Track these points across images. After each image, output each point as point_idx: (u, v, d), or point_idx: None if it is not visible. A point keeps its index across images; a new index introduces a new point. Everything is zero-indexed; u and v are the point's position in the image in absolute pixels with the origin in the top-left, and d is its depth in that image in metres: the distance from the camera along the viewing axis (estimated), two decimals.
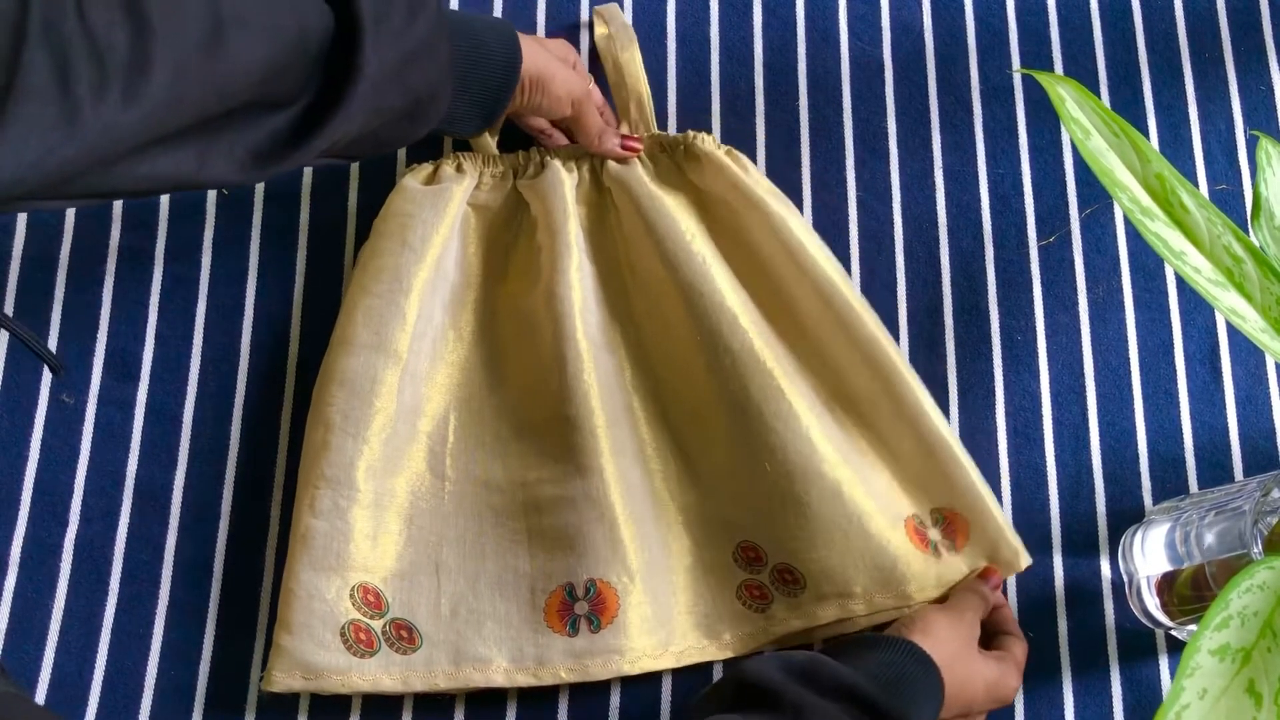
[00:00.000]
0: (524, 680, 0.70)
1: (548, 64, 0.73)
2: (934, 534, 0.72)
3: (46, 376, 0.78)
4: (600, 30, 0.84)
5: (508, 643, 0.70)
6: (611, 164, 0.78)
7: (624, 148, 0.78)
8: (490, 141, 0.80)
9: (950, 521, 0.72)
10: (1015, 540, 0.72)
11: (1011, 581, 0.74)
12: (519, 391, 0.76)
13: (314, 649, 0.69)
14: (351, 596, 0.70)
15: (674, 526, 0.74)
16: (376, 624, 0.70)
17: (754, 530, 0.73)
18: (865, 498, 0.71)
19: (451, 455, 0.75)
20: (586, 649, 0.69)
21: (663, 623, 0.71)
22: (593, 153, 0.78)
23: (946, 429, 0.73)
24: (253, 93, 0.59)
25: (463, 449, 0.75)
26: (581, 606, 0.70)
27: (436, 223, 0.75)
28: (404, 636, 0.70)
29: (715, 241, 0.77)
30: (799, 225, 0.76)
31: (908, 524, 0.72)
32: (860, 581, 0.70)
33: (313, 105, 0.61)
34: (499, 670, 0.70)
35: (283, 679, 0.69)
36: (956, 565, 0.72)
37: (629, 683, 0.72)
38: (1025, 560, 0.72)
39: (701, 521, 0.74)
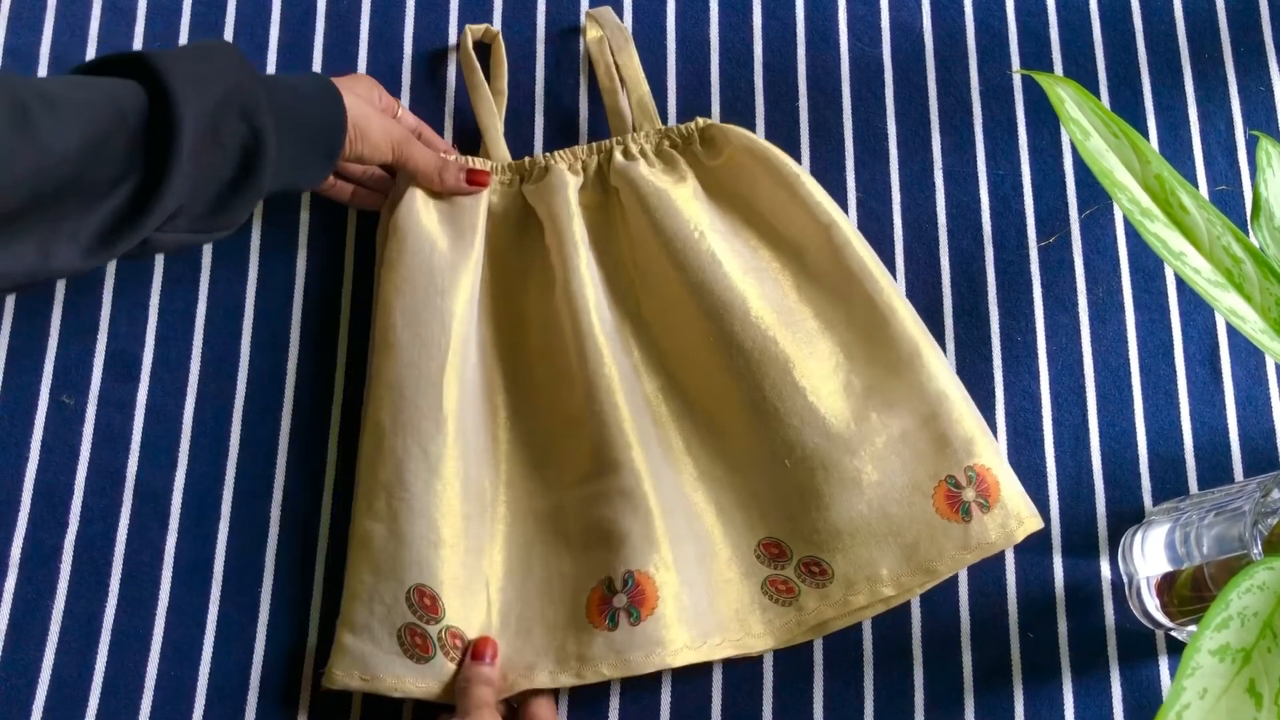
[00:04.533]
0: (567, 680, 0.69)
1: (361, 108, 0.72)
2: (969, 493, 0.71)
3: (47, 377, 0.78)
4: (592, 34, 0.85)
5: (553, 645, 0.70)
6: (618, 161, 0.78)
7: (470, 182, 0.77)
8: (503, 148, 0.80)
9: (982, 478, 0.71)
10: (1030, 503, 0.72)
11: (1012, 581, 0.74)
12: (548, 396, 0.76)
13: (372, 650, 0.68)
14: (409, 600, 0.69)
15: (695, 524, 0.73)
16: (433, 630, 0.69)
17: (776, 526, 0.72)
18: (885, 480, 0.71)
19: (493, 463, 0.75)
20: (627, 642, 0.68)
21: (698, 615, 0.70)
22: (439, 191, 0.77)
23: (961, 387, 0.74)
24: (78, 170, 0.59)
25: (502, 457, 0.75)
26: (620, 599, 0.69)
27: (468, 223, 0.76)
28: (458, 645, 0.70)
29: (726, 212, 0.78)
30: (811, 182, 0.77)
31: (939, 487, 0.71)
32: (886, 564, 0.70)
33: (145, 177, 0.61)
34: (544, 672, 0.69)
35: (341, 677, 0.68)
36: (988, 525, 0.70)
37: (629, 686, 0.72)
38: (1039, 521, 0.71)
39: (722, 519, 0.74)
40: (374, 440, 0.72)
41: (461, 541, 0.71)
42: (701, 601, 0.71)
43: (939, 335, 0.79)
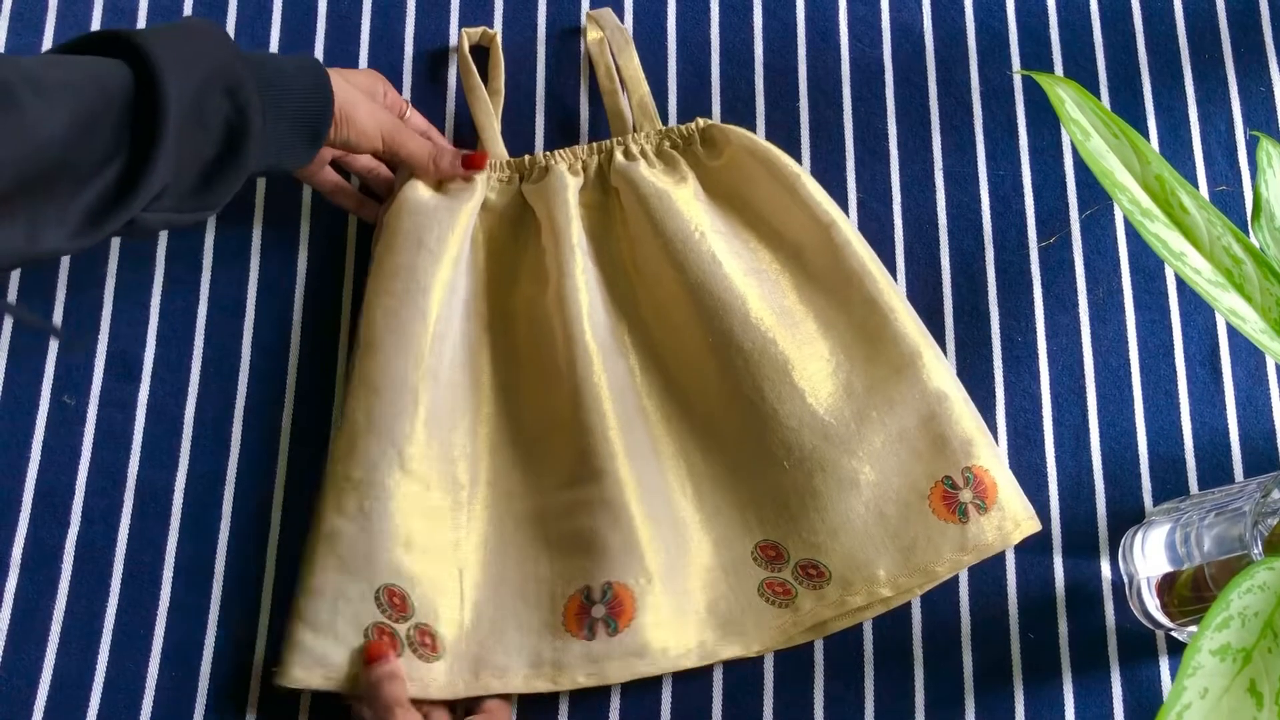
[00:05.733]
0: (542, 685, 0.69)
1: (349, 93, 0.71)
2: (966, 495, 0.71)
3: (48, 378, 0.78)
4: (593, 35, 0.85)
5: (527, 649, 0.70)
6: (619, 162, 0.78)
7: (467, 165, 0.76)
8: (500, 147, 0.80)
9: (980, 480, 0.71)
10: (1028, 505, 0.72)
11: (1012, 581, 0.74)
12: (534, 397, 0.76)
13: (336, 648, 0.68)
14: (377, 598, 0.69)
15: (691, 527, 0.73)
16: (401, 628, 0.69)
17: (773, 528, 0.72)
18: (882, 480, 0.71)
19: (472, 461, 0.74)
20: (604, 652, 0.69)
21: (683, 623, 0.71)
22: (435, 178, 0.77)
23: (961, 389, 0.74)
24: (64, 152, 0.59)
25: (482, 455, 0.75)
26: (598, 610, 0.70)
27: (452, 223, 0.75)
28: (426, 643, 0.70)
29: (726, 213, 0.78)
30: (811, 183, 0.77)
31: (936, 489, 0.71)
32: (884, 565, 0.70)
33: (131, 158, 0.61)
34: (517, 675, 0.69)
35: (302, 676, 0.68)
36: (985, 527, 0.70)
37: (629, 686, 0.72)
38: (1036, 524, 0.71)
39: (719, 522, 0.74)
40: (348, 438, 0.71)
41: (433, 540, 0.71)
42: (686, 609, 0.71)
43: (939, 335, 0.79)
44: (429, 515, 0.72)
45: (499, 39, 0.84)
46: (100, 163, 0.61)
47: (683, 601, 0.71)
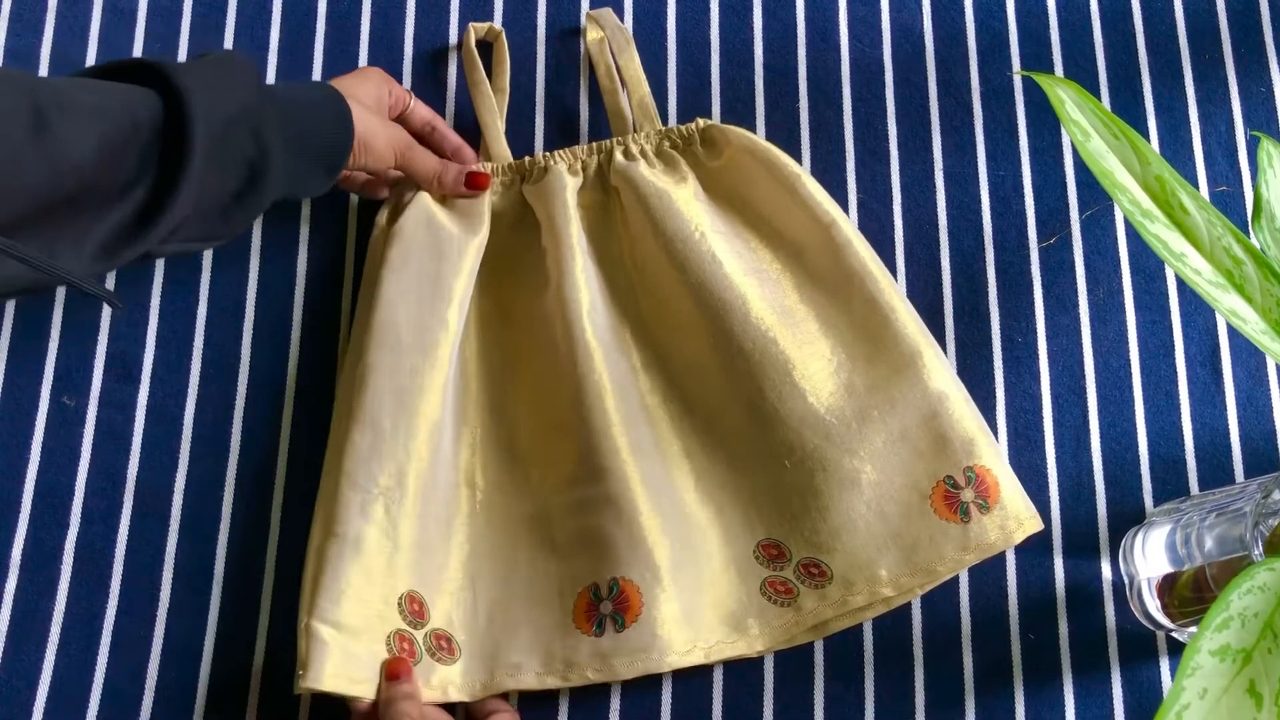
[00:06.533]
0: (553, 682, 0.69)
1: (367, 120, 0.73)
2: (967, 494, 0.71)
3: (48, 378, 0.78)
4: (593, 35, 0.85)
5: (539, 647, 0.70)
6: (619, 162, 0.78)
7: (469, 185, 0.77)
8: (504, 146, 0.81)
9: (982, 479, 0.71)
10: (1030, 504, 0.71)
11: (1013, 582, 0.74)
12: (537, 396, 0.76)
13: (362, 654, 0.67)
14: (399, 605, 0.69)
15: (696, 524, 0.73)
16: (419, 634, 0.69)
17: (775, 527, 0.72)
18: (884, 480, 0.71)
19: (480, 465, 0.75)
20: (612, 649, 0.69)
21: (690, 619, 0.70)
22: (440, 193, 0.78)
23: (961, 388, 0.73)
24: (91, 177, 0.59)
25: (490, 458, 0.75)
26: (606, 606, 0.70)
27: (470, 234, 0.76)
28: (444, 647, 0.70)
29: (726, 213, 0.78)
30: (811, 182, 0.77)
31: (937, 488, 0.71)
32: (885, 564, 0.70)
33: (153, 188, 0.62)
34: (530, 673, 0.69)
35: (333, 681, 0.66)
36: (987, 526, 0.70)
37: (630, 687, 0.72)
38: (1039, 523, 0.71)
39: (722, 520, 0.74)
40: (371, 442, 0.71)
41: (446, 544, 0.72)
42: (693, 605, 0.71)
43: (940, 336, 0.79)
44: (442, 520, 0.72)
45: (503, 36, 0.84)
46: (123, 190, 0.61)
47: (690, 598, 0.71)
